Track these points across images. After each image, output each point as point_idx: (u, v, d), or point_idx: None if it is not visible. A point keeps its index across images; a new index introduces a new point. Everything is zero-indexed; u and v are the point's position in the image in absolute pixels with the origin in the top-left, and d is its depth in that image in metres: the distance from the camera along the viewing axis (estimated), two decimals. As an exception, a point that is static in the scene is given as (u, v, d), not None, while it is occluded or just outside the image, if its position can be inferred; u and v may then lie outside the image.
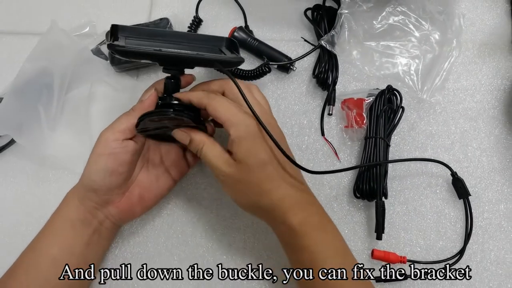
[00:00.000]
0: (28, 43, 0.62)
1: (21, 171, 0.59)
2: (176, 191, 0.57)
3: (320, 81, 0.60)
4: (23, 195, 0.58)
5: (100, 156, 0.47)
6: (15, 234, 0.55)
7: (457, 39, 0.60)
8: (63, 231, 0.49)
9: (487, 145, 0.57)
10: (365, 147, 0.56)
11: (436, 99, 0.58)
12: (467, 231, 0.53)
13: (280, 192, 0.45)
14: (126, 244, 0.55)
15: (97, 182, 0.48)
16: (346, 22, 0.60)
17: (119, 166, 0.48)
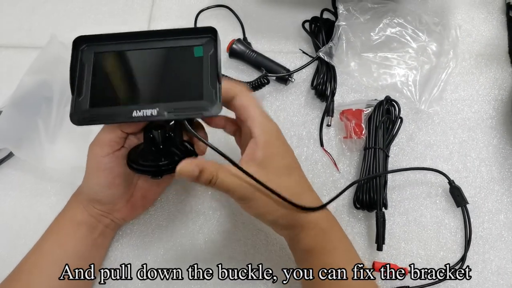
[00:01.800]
0: (27, 57, 0.63)
1: (19, 185, 0.58)
2: (176, 204, 0.57)
3: (318, 92, 0.60)
4: (21, 209, 0.57)
5: (94, 172, 0.47)
6: (13, 247, 0.55)
7: (454, 50, 0.60)
8: (68, 233, 0.49)
9: (486, 155, 0.57)
10: (365, 157, 0.56)
11: (434, 110, 0.58)
12: (467, 238, 0.53)
13: (309, 196, 0.45)
14: (125, 257, 0.55)
15: (98, 194, 0.48)
16: (344, 34, 0.60)
17: (115, 179, 0.48)
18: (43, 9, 0.69)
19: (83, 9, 0.69)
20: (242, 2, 0.66)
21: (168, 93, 0.43)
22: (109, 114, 0.42)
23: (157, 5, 0.68)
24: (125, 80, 0.44)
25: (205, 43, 0.43)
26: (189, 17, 0.65)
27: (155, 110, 0.41)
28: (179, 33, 0.44)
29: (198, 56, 0.43)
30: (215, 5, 0.65)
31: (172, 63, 0.44)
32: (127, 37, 0.44)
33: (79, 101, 0.42)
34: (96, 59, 0.43)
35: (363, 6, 0.61)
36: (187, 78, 0.43)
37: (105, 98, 0.43)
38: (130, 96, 0.44)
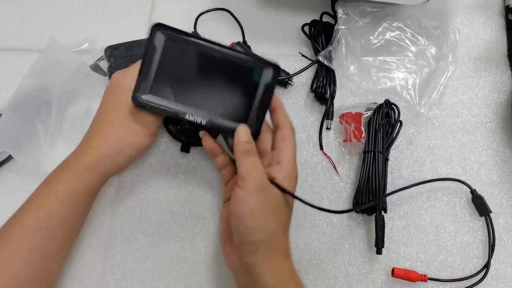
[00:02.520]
0: (27, 60, 0.63)
1: (19, 188, 0.58)
2: (176, 207, 0.57)
3: (318, 95, 0.60)
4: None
5: (131, 128, 0.49)
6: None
7: (453, 54, 0.60)
8: (63, 204, 0.47)
9: (485, 159, 0.57)
10: (364, 161, 0.56)
11: (434, 113, 0.59)
12: (490, 246, 0.53)
13: (285, 237, 0.46)
14: (125, 260, 0.55)
15: (125, 162, 0.50)
16: (343, 37, 0.60)
17: (155, 130, 0.51)
18: (43, 12, 0.69)
19: (82, 12, 0.69)
20: (242, 5, 0.66)
21: (219, 107, 0.47)
22: (165, 107, 0.47)
23: (156, 8, 0.68)
24: (186, 76, 0.47)
25: (264, 71, 0.46)
26: (189, 20, 0.65)
27: (204, 120, 0.47)
28: (246, 54, 0.47)
29: (256, 80, 0.46)
30: (215, 8, 0.65)
31: (231, 77, 0.47)
32: (199, 38, 0.47)
33: (143, 84, 0.47)
34: (166, 46, 0.46)
35: (362, 10, 0.61)
36: (239, 98, 0.47)
37: (165, 89, 0.47)
38: (187, 96, 0.47)
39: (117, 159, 0.49)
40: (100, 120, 0.50)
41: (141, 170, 0.59)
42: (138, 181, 0.59)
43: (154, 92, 0.47)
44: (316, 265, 0.54)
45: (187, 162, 0.59)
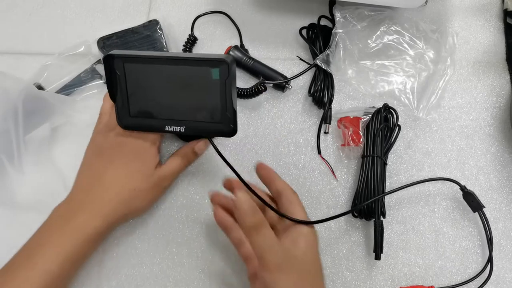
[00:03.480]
0: (23, 63, 0.63)
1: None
2: (172, 212, 0.57)
3: (316, 99, 0.60)
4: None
5: (150, 196, 0.54)
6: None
7: (451, 57, 0.60)
8: (72, 245, 0.48)
9: (484, 163, 0.57)
10: (362, 165, 0.56)
11: (432, 117, 0.58)
12: (489, 240, 0.52)
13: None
14: (121, 266, 0.54)
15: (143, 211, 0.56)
16: (341, 41, 0.60)
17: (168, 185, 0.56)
18: (39, 15, 0.69)
19: (79, 15, 0.69)
20: (239, 9, 0.66)
21: (192, 112, 0.50)
22: (146, 124, 0.52)
23: (153, 11, 0.68)
24: (155, 92, 0.50)
25: (220, 67, 0.47)
26: (186, 23, 0.64)
27: (183, 128, 0.51)
28: (198, 58, 0.49)
29: (215, 78, 0.48)
30: (212, 11, 0.65)
31: (194, 82, 0.49)
32: (152, 55, 0.50)
33: (120, 109, 0.51)
34: (127, 71, 0.49)
35: (360, 13, 0.61)
36: (207, 99, 0.49)
37: (141, 108, 0.51)
38: (162, 109, 0.51)
39: (131, 217, 0.55)
40: (117, 185, 0.52)
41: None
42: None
43: (133, 113, 0.51)
44: (314, 270, 0.54)
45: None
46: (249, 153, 0.59)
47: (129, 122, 0.52)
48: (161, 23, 0.64)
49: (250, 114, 0.61)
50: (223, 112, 0.49)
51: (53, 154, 0.60)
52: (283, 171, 0.58)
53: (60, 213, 0.50)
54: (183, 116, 0.51)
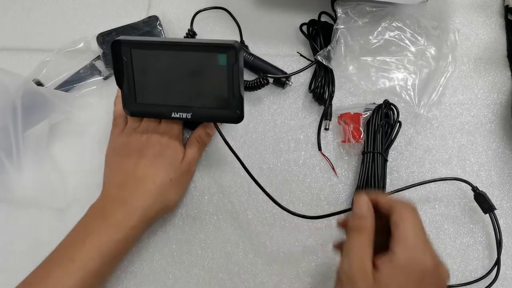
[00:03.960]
0: (21, 60, 0.64)
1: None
2: (172, 208, 0.57)
3: (316, 96, 0.59)
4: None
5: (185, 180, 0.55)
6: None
7: (453, 54, 0.60)
8: (111, 242, 0.48)
9: (485, 159, 0.57)
10: (363, 162, 0.55)
11: (433, 114, 0.58)
12: (498, 243, 0.52)
13: None
14: (120, 263, 0.54)
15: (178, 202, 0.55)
16: (342, 37, 0.60)
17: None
18: (38, 11, 0.69)
19: (78, 11, 0.68)
20: (240, 4, 0.66)
21: (199, 99, 0.50)
22: (152, 111, 0.52)
23: (153, 7, 0.68)
24: (162, 78, 0.50)
25: (227, 53, 0.47)
26: (186, 19, 0.64)
27: (189, 115, 0.51)
28: (206, 43, 0.49)
29: (222, 64, 0.48)
30: (212, 7, 0.64)
31: (200, 68, 0.49)
32: (159, 40, 0.53)
33: (127, 96, 0.51)
34: (134, 56, 0.49)
35: (361, 9, 0.61)
36: (214, 85, 0.50)
37: (148, 95, 0.51)
38: (168, 96, 0.51)
39: (166, 211, 0.55)
40: (153, 177, 0.51)
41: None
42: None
43: (139, 100, 0.51)
44: (315, 267, 0.54)
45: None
46: (249, 150, 0.59)
47: (135, 109, 0.52)
48: (161, 19, 0.64)
49: (250, 110, 0.61)
50: (230, 98, 0.49)
51: (52, 151, 0.60)
52: (283, 168, 0.58)
53: (97, 211, 0.50)
54: (190, 103, 0.51)
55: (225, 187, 0.57)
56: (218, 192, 0.57)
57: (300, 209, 0.56)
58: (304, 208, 0.56)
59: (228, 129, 0.60)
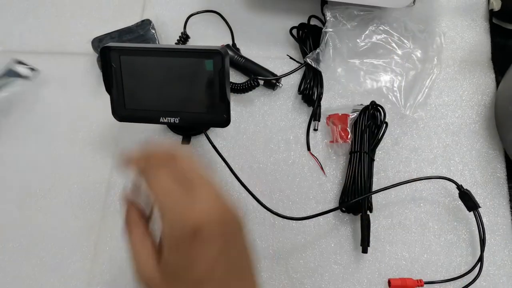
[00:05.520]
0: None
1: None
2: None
3: (305, 97, 0.61)
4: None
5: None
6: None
7: (438, 57, 0.61)
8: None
9: (469, 159, 0.58)
10: (350, 161, 0.57)
11: (419, 115, 0.60)
12: (482, 240, 0.53)
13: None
14: (113, 260, 0.55)
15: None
16: (331, 40, 0.61)
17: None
18: (34, 14, 0.70)
19: (75, 13, 0.70)
20: (232, 8, 0.67)
21: (187, 103, 0.52)
22: (141, 116, 0.53)
23: (147, 11, 0.69)
24: (150, 84, 0.52)
25: (214, 58, 0.49)
26: (179, 22, 0.65)
27: (177, 119, 0.53)
28: (192, 50, 0.50)
29: (209, 69, 0.50)
30: (205, 10, 0.66)
31: (188, 73, 0.51)
32: (147, 47, 0.52)
33: (116, 102, 0.53)
34: (123, 63, 0.51)
35: (350, 13, 0.62)
36: (201, 90, 0.51)
37: (137, 100, 0.52)
38: (157, 101, 0.52)
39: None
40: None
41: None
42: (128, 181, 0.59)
43: (128, 106, 0.53)
44: (303, 264, 0.55)
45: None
46: (240, 150, 0.60)
47: (124, 114, 0.53)
48: (154, 22, 0.65)
49: (241, 111, 0.62)
50: (217, 103, 0.51)
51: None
52: (274, 168, 0.59)
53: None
54: (178, 108, 0.52)
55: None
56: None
57: (290, 207, 0.57)
58: (294, 207, 0.57)
59: (220, 130, 0.61)
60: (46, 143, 0.62)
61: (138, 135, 0.62)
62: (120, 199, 0.41)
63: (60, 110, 0.64)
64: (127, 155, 0.39)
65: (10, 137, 0.63)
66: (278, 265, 0.55)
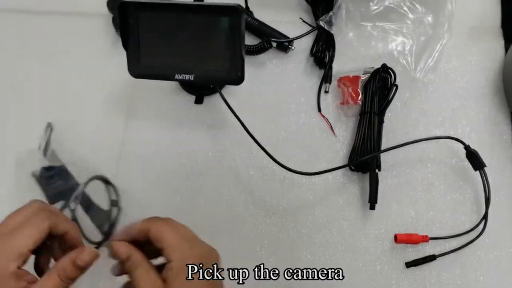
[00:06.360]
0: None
1: None
2: (176, 164, 0.60)
3: (317, 60, 0.62)
4: None
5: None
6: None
7: (449, 23, 0.62)
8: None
9: (476, 122, 0.59)
10: (360, 122, 0.58)
11: (429, 79, 0.61)
12: (487, 198, 0.54)
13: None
14: (125, 214, 0.57)
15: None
16: (344, 3, 0.62)
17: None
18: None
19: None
20: (246, -28, 0.68)
21: (202, 60, 0.52)
22: (156, 73, 0.54)
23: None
24: (166, 40, 0.52)
25: (230, 15, 0.49)
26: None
27: (192, 76, 0.53)
28: (208, 6, 0.51)
29: (225, 26, 0.50)
30: (219, -26, 0.66)
31: (204, 30, 0.51)
32: (163, 4, 0.52)
33: (132, 58, 0.53)
34: (140, 19, 0.51)
35: (363, -24, 0.63)
36: (217, 47, 0.51)
37: (153, 56, 0.53)
38: (172, 58, 0.53)
39: None
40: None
41: (145, 129, 0.61)
42: (141, 139, 0.61)
43: (144, 62, 0.53)
44: (311, 219, 0.57)
45: (194, 115, 0.62)
46: (252, 110, 0.61)
47: (139, 71, 0.54)
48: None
49: (254, 73, 0.63)
50: (232, 60, 0.51)
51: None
52: (284, 128, 0.61)
53: None
54: (193, 65, 0.53)
55: (228, 146, 0.60)
56: (221, 150, 0.60)
57: (299, 166, 0.58)
58: (303, 166, 0.59)
59: (232, 91, 0.62)
60: (60, 101, 0.64)
61: (151, 95, 0.63)
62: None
63: (74, 70, 0.65)
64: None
65: (25, 94, 0.64)
66: (287, 220, 0.57)
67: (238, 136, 0.60)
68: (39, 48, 0.67)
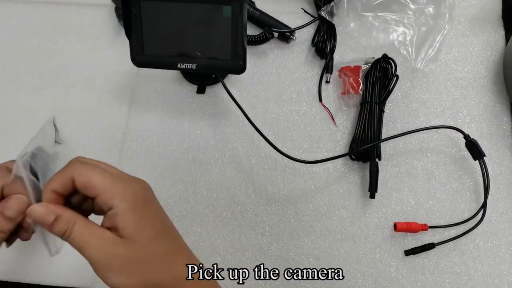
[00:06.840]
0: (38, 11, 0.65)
1: None
2: (179, 153, 0.60)
3: (318, 50, 0.62)
4: None
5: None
6: None
7: (450, 13, 0.62)
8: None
9: (476, 112, 0.60)
10: (361, 111, 0.59)
11: (429, 69, 0.61)
12: (486, 187, 0.55)
13: (183, 258, 0.38)
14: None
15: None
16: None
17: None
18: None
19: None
20: (247, -37, 0.68)
21: (204, 50, 0.53)
22: (160, 62, 0.54)
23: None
24: (169, 30, 0.53)
25: (232, 5, 0.50)
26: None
27: (194, 65, 0.54)
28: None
29: (227, 16, 0.51)
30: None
31: (206, 19, 0.52)
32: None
33: (135, 47, 0.54)
34: (143, 9, 0.52)
35: (364, -33, 0.63)
36: (219, 37, 0.52)
37: (155, 46, 0.54)
38: (175, 47, 0.53)
39: None
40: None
41: (148, 118, 0.62)
42: (144, 128, 0.62)
43: (147, 51, 0.54)
44: (312, 208, 0.57)
45: (195, 105, 0.62)
46: (254, 100, 0.62)
47: (142, 60, 0.54)
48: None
49: (255, 63, 0.64)
50: (233, 49, 0.52)
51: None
52: (286, 117, 0.61)
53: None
54: (195, 54, 0.53)
55: (230, 135, 0.61)
56: (223, 139, 0.61)
57: (300, 155, 0.59)
58: (304, 155, 0.59)
59: (234, 81, 0.63)
60: (64, 91, 0.64)
61: (154, 84, 0.64)
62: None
63: (77, 59, 0.66)
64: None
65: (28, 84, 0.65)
66: (288, 209, 0.57)
67: (240, 126, 0.61)
68: (42, 38, 0.67)
